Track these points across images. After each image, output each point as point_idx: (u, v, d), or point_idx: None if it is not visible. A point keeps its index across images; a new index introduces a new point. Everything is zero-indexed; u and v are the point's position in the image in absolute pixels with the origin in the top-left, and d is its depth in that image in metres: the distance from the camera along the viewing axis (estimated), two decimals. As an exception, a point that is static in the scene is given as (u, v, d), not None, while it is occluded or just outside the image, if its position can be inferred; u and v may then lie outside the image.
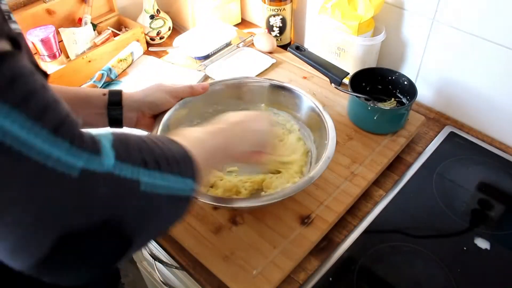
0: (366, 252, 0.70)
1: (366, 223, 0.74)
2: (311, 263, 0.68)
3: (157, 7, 1.14)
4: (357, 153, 0.82)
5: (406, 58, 0.97)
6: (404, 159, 0.85)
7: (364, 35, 0.93)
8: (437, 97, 0.96)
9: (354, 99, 0.85)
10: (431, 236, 0.73)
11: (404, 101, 0.89)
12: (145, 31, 1.12)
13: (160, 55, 1.12)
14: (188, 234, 0.70)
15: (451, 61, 0.88)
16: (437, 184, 0.80)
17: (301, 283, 0.66)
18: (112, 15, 1.14)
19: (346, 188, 0.75)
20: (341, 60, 0.98)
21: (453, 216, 0.75)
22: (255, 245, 0.68)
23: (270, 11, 1.08)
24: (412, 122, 0.87)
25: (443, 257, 0.69)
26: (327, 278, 0.67)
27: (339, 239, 0.72)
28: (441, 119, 0.95)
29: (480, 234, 0.73)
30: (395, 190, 0.79)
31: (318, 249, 0.70)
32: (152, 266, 1.08)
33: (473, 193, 0.79)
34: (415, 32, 0.91)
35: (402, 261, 0.69)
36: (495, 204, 0.78)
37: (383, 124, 0.84)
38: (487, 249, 0.70)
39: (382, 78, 0.89)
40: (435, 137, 0.90)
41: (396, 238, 0.72)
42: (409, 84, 0.86)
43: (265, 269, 0.65)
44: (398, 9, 0.91)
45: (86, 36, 1.04)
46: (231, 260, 0.66)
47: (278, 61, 1.05)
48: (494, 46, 0.80)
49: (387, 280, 0.67)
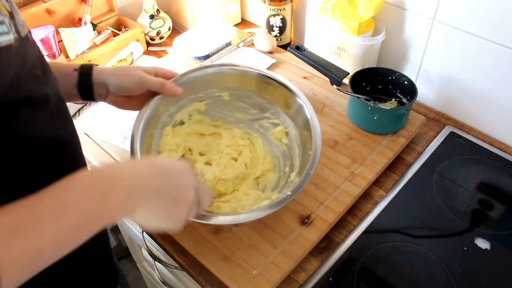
0: (366, 252, 0.70)
1: (366, 223, 0.74)
2: (311, 263, 0.68)
3: (157, 7, 1.13)
4: (357, 153, 0.82)
5: (406, 58, 0.97)
6: (404, 159, 0.85)
7: (364, 35, 0.93)
8: (437, 97, 0.96)
9: (354, 99, 0.85)
10: (431, 236, 0.73)
11: (404, 101, 0.88)
12: (145, 31, 1.12)
13: (160, 55, 1.12)
14: (188, 234, 0.70)
15: (452, 61, 0.88)
16: (437, 184, 0.80)
17: (301, 283, 0.66)
18: (112, 15, 1.14)
19: (346, 188, 0.75)
20: (341, 60, 0.98)
21: (453, 216, 0.75)
22: (255, 245, 0.68)
23: (270, 11, 1.08)
24: (412, 122, 0.87)
25: (443, 257, 0.69)
26: (327, 278, 0.67)
27: (339, 239, 0.72)
28: (441, 119, 0.95)
29: (480, 234, 0.73)
30: (395, 190, 0.79)
31: (318, 249, 0.70)
32: (152, 266, 1.08)
33: (473, 193, 0.79)
34: (415, 32, 0.91)
35: (402, 261, 0.69)
36: (495, 204, 0.78)
37: (383, 124, 0.84)
38: (487, 249, 0.70)
39: (382, 78, 0.89)
40: (435, 137, 0.90)
41: (396, 238, 0.72)
42: (409, 84, 0.86)
43: (265, 269, 0.65)
44: (398, 9, 0.91)
45: (86, 36, 1.04)
46: (231, 260, 0.66)
47: (278, 61, 1.05)
48: (494, 46, 0.80)
49: (387, 280, 0.67)
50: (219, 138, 0.81)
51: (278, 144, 0.79)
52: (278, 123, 0.79)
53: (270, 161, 0.78)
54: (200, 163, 0.76)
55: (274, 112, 0.79)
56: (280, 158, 0.78)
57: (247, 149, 0.79)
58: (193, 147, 0.79)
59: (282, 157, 0.78)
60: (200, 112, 0.81)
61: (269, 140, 0.81)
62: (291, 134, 0.77)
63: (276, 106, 0.79)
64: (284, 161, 0.77)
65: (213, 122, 0.83)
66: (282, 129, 0.78)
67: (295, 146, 0.75)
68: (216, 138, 0.81)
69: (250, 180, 0.76)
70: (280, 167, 0.77)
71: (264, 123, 0.81)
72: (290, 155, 0.76)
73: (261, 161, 0.78)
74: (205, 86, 0.79)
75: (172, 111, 0.77)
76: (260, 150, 0.79)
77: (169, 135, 0.76)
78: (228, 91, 0.81)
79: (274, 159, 0.79)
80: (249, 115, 0.82)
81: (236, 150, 0.78)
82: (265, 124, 0.81)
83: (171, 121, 0.77)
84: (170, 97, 0.72)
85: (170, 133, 0.76)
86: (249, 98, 0.81)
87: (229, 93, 0.81)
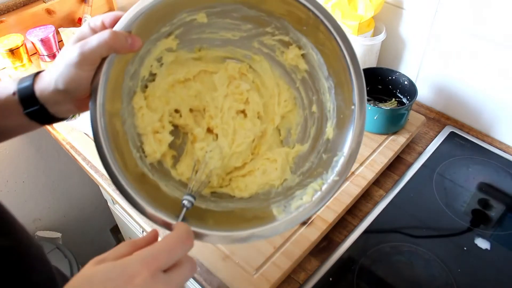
0: (366, 252, 0.70)
1: (366, 223, 0.74)
2: (311, 263, 0.68)
3: (157, 7, 1.13)
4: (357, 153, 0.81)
5: (406, 58, 0.97)
6: (404, 159, 0.85)
7: (364, 35, 0.93)
8: (437, 97, 0.96)
9: (354, 99, 0.85)
10: (431, 236, 0.73)
11: (404, 101, 0.88)
12: (145, 31, 1.12)
13: (160, 55, 1.12)
14: (188, 234, 0.69)
15: (451, 61, 0.88)
16: (437, 184, 0.80)
17: (301, 283, 0.66)
18: (112, 15, 1.14)
19: (346, 188, 0.75)
20: (341, 60, 0.98)
21: (453, 216, 0.75)
22: (255, 245, 0.68)
23: (270, 11, 1.07)
24: (412, 122, 0.87)
25: (443, 257, 0.69)
26: (327, 278, 0.67)
27: (339, 239, 0.72)
28: (441, 119, 0.95)
29: (480, 234, 0.73)
30: (395, 190, 0.79)
31: (318, 249, 0.70)
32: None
33: (473, 193, 0.79)
34: (415, 32, 0.91)
35: (402, 261, 0.69)
36: (495, 204, 0.78)
37: (383, 124, 0.84)
38: (487, 249, 0.70)
39: (382, 78, 0.89)
40: (435, 137, 0.90)
41: (396, 238, 0.72)
42: (409, 84, 0.86)
43: (265, 269, 0.65)
44: (398, 9, 0.91)
45: (86, 36, 1.04)
46: (231, 260, 0.66)
47: (278, 61, 1.05)
48: (494, 46, 0.80)
49: (387, 280, 0.67)
50: (210, 82, 0.58)
51: (294, 70, 0.57)
52: (288, 41, 0.55)
53: (288, 96, 0.58)
54: (199, 142, 0.55)
55: (280, 26, 0.54)
56: (301, 90, 0.57)
57: (254, 91, 0.58)
58: (179, 105, 0.56)
59: (303, 88, 0.57)
60: (171, 50, 0.55)
61: (279, 64, 0.57)
62: (311, 57, 0.54)
63: (282, 19, 0.53)
64: (307, 95, 0.57)
65: (194, 54, 0.57)
66: (296, 51, 0.55)
67: (320, 76, 0.53)
68: (207, 83, 0.58)
69: (269, 134, 0.57)
70: (304, 104, 0.57)
71: (267, 40, 0.56)
72: (315, 86, 0.55)
73: (276, 99, 0.57)
74: (166, 15, 0.51)
75: (133, 69, 0.51)
76: (269, 80, 0.58)
77: (143, 107, 0.52)
78: (203, 11, 0.53)
79: (292, 91, 0.58)
80: (241, 31, 0.56)
81: (239, 99, 0.57)
82: (268, 41, 0.56)
83: (137, 83, 0.52)
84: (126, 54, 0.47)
85: (144, 104, 0.52)
86: (237, 12, 0.54)
87: (205, 12, 0.53)
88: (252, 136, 0.56)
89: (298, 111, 0.58)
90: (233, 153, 0.56)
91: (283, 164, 0.54)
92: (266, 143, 0.57)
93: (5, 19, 0.97)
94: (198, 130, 0.56)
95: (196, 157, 0.55)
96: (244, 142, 0.56)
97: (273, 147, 0.57)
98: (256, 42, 0.57)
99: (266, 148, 0.57)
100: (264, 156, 0.56)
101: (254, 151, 0.57)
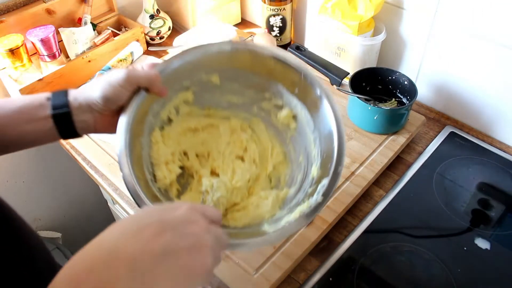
0: (366, 252, 0.70)
1: (366, 223, 0.74)
2: (311, 263, 0.68)
3: (157, 7, 1.13)
4: (357, 153, 0.82)
5: (406, 58, 0.97)
6: (404, 159, 0.85)
7: (364, 35, 0.93)
8: (437, 97, 0.96)
9: (354, 99, 0.85)
10: (431, 236, 0.73)
11: (404, 101, 0.88)
12: (145, 31, 1.12)
13: (160, 55, 1.12)
14: (188, 234, 0.69)
15: (451, 61, 0.88)
16: (437, 184, 0.80)
17: (301, 283, 0.66)
18: (112, 15, 1.14)
19: (346, 188, 0.75)
20: (341, 60, 0.98)
21: (453, 216, 0.75)
22: (255, 245, 0.68)
23: (270, 11, 1.08)
24: (412, 122, 0.87)
25: (443, 257, 0.69)
26: (327, 278, 0.67)
27: (339, 239, 0.72)
28: (441, 119, 0.95)
29: (480, 234, 0.73)
30: (395, 190, 0.79)
31: (318, 249, 0.70)
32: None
33: (473, 193, 0.79)
34: (415, 31, 0.91)
35: (402, 261, 0.69)
36: (495, 204, 0.78)
37: (383, 124, 0.84)
38: (487, 249, 0.70)
39: (382, 78, 0.89)
40: (435, 137, 0.90)
41: (396, 238, 0.72)
42: (409, 84, 0.86)
43: (265, 269, 0.65)
44: (398, 9, 0.91)
45: (86, 36, 1.04)
46: (231, 260, 0.66)
47: (278, 61, 1.05)
48: (494, 46, 0.80)
49: (387, 280, 0.67)
50: (216, 133, 0.69)
51: (285, 130, 0.68)
52: (281, 105, 0.67)
53: (279, 150, 0.68)
54: (206, 177, 0.64)
55: (276, 91, 0.66)
56: (290, 146, 0.68)
57: (252, 141, 0.69)
58: (188, 148, 0.67)
59: (292, 144, 0.68)
60: (187, 103, 0.67)
61: (273, 125, 0.69)
62: (300, 117, 0.65)
63: (278, 84, 0.65)
64: (295, 150, 0.67)
65: (204, 112, 0.69)
66: (288, 112, 0.66)
67: (308, 132, 0.64)
68: (212, 133, 0.69)
69: (263, 178, 0.67)
70: (292, 157, 0.67)
71: (264, 105, 0.69)
72: (303, 143, 0.65)
73: (269, 152, 0.68)
74: (189, 72, 0.64)
75: (156, 109, 0.62)
76: (264, 138, 0.69)
77: (160, 142, 0.63)
78: (217, 73, 0.66)
79: (283, 147, 0.69)
80: (244, 97, 0.69)
81: (239, 146, 0.68)
82: (265, 106, 0.69)
83: (157, 122, 0.64)
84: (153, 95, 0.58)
85: (160, 140, 0.63)
86: (244, 77, 0.66)
87: (218, 75, 0.66)
88: (248, 176, 0.65)
89: (288, 164, 0.68)
90: (234, 188, 0.64)
91: (273, 202, 0.62)
92: (259, 185, 0.66)
93: (5, 19, 0.97)
94: (203, 170, 0.65)
95: (205, 188, 0.62)
96: (242, 179, 0.65)
97: (265, 188, 0.66)
98: (256, 107, 0.69)
99: (259, 189, 0.65)
100: (257, 195, 0.64)
101: (249, 191, 0.66)
